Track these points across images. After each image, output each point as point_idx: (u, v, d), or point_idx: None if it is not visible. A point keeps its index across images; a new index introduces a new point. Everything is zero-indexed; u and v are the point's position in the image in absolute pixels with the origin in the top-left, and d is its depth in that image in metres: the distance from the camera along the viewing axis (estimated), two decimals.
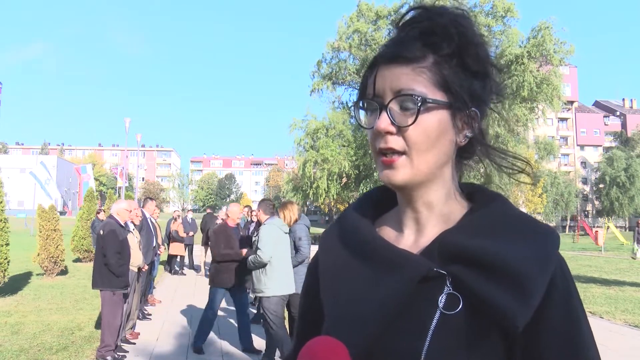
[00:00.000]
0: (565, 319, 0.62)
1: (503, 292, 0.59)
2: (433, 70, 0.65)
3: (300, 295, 0.85)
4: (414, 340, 0.63)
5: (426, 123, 0.64)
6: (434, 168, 0.67)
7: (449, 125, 0.66)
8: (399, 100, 0.65)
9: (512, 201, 0.67)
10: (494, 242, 0.62)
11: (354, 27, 25.40)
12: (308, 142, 25.12)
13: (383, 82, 0.66)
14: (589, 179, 69.15)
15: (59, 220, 10.04)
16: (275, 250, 4.63)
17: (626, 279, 12.23)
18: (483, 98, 0.69)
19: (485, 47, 0.68)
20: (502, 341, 0.61)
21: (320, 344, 0.64)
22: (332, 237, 0.76)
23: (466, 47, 0.66)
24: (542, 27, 23.01)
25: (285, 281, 4.68)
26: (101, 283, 4.94)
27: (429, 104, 0.64)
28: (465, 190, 0.74)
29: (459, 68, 0.66)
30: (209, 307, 5.41)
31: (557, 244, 0.64)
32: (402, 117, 0.65)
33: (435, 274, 0.64)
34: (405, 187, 0.68)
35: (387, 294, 0.64)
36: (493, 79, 0.70)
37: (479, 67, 0.67)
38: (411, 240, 0.71)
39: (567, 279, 0.64)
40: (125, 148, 31.71)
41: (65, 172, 65.26)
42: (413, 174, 0.66)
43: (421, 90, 0.64)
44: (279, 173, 77.06)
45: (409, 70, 0.65)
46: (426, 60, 0.65)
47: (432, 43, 0.65)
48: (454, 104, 0.65)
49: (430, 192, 0.69)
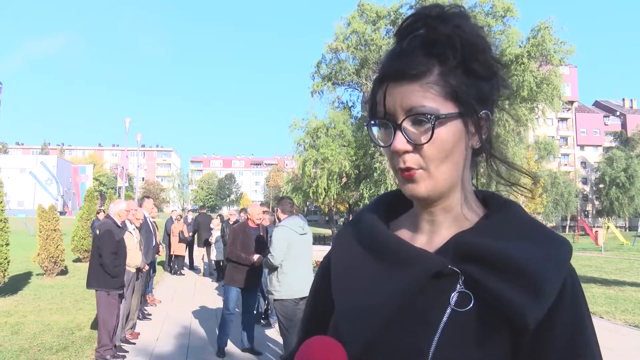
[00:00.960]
0: (573, 325, 0.63)
1: (516, 290, 0.60)
2: (440, 82, 0.65)
3: (309, 293, 0.86)
4: (423, 334, 0.64)
5: (441, 137, 0.65)
6: (453, 176, 0.68)
7: (462, 133, 0.66)
8: (411, 118, 0.65)
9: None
10: (509, 244, 0.64)
11: (352, 27, 25.38)
12: (308, 141, 25.09)
13: (393, 101, 0.66)
14: (589, 179, 69.15)
15: (59, 220, 10.04)
16: (287, 254, 4.47)
17: (626, 279, 12.24)
18: (492, 98, 0.69)
19: (489, 48, 0.68)
20: (510, 341, 0.62)
21: (318, 343, 0.64)
22: (346, 237, 0.77)
23: (472, 53, 0.65)
24: (542, 26, 23.03)
25: (298, 284, 4.45)
26: (96, 283, 4.92)
27: (441, 119, 0.64)
28: (479, 196, 0.75)
29: (465, 75, 0.66)
30: (224, 307, 5.42)
31: (570, 253, 0.65)
32: (417, 135, 0.65)
33: (448, 271, 0.65)
34: (429, 198, 0.69)
35: (398, 287, 0.65)
36: (500, 76, 0.70)
37: (485, 70, 0.67)
38: (425, 240, 0.72)
39: (576, 288, 0.65)
40: (125, 148, 31.70)
41: (65, 172, 65.24)
42: (434, 185, 0.67)
43: (432, 106, 0.64)
44: (279, 173, 76.99)
45: (418, 87, 0.64)
46: (432, 73, 0.65)
47: (437, 54, 0.65)
48: (465, 112, 0.66)
49: (450, 197, 0.70)
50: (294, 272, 4.49)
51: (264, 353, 5.46)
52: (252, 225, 5.58)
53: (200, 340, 6.00)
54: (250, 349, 5.44)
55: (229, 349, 5.49)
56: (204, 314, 7.49)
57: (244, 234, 5.44)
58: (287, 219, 4.67)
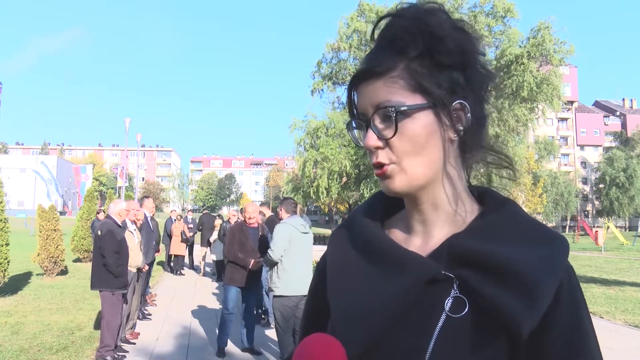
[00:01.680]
0: (571, 327, 0.62)
1: (511, 298, 0.59)
2: (405, 76, 0.65)
3: (307, 293, 0.86)
4: (418, 340, 0.63)
5: (410, 130, 0.64)
6: (431, 169, 0.66)
7: (435, 125, 0.65)
8: (379, 114, 0.66)
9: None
10: (503, 247, 0.62)
11: (354, 26, 25.38)
12: (308, 141, 25.10)
13: (364, 100, 0.67)
14: (589, 179, 69.16)
15: (59, 220, 10.03)
16: (288, 251, 4.51)
17: (626, 279, 12.24)
18: (469, 87, 0.66)
19: (459, 36, 0.66)
20: (507, 346, 0.61)
21: (317, 341, 0.64)
22: (340, 238, 0.76)
23: (433, 43, 0.64)
24: (542, 27, 23.01)
25: (298, 282, 4.47)
26: (99, 284, 4.93)
27: (406, 111, 0.64)
28: (475, 192, 0.74)
29: (433, 65, 0.65)
30: (224, 307, 5.42)
31: (567, 252, 0.64)
32: (385, 130, 0.65)
33: (442, 277, 0.64)
34: (408, 193, 0.68)
35: (393, 293, 0.64)
36: (477, 65, 0.67)
37: (452, 59, 0.65)
38: (419, 242, 0.71)
39: (574, 287, 0.64)
40: (125, 148, 31.69)
41: (65, 172, 65.26)
42: (409, 179, 0.66)
43: (397, 100, 0.64)
44: (279, 173, 77.02)
45: (382, 83, 0.65)
46: (397, 68, 0.65)
47: (400, 48, 0.65)
48: (433, 103, 0.65)
49: (435, 193, 0.69)
50: (294, 269, 4.53)
51: (263, 353, 5.47)
52: (250, 224, 5.59)
53: (200, 340, 6.00)
54: (249, 349, 5.44)
55: (229, 348, 5.49)
56: (204, 314, 7.49)
57: (240, 233, 5.45)
58: (290, 218, 4.74)
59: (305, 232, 4.70)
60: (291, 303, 4.49)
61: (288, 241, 4.54)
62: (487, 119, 0.70)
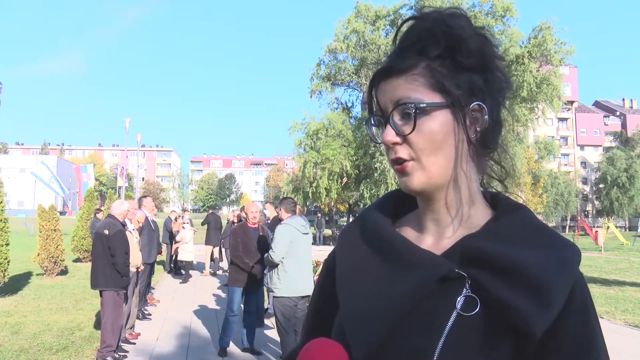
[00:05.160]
0: (580, 331, 0.63)
1: (524, 298, 0.59)
2: (426, 74, 0.66)
3: (314, 289, 0.86)
4: (428, 338, 0.63)
5: (427, 127, 0.65)
6: (447, 168, 0.67)
7: (452, 124, 0.66)
8: (398, 110, 0.67)
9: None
10: (517, 249, 0.63)
11: (352, 27, 25.37)
12: (308, 143, 25.11)
13: (384, 97, 0.69)
14: (589, 179, 69.08)
15: (59, 220, 10.04)
16: (289, 252, 4.50)
17: (626, 279, 12.23)
18: (488, 90, 0.68)
19: (480, 40, 0.67)
20: (516, 347, 0.61)
21: (319, 346, 0.64)
22: (351, 235, 0.77)
23: (455, 44, 0.66)
24: (543, 27, 23.03)
25: (298, 283, 4.48)
26: (105, 283, 4.92)
27: (425, 109, 0.65)
28: (488, 196, 0.74)
29: (453, 66, 0.66)
30: (228, 308, 5.40)
31: (579, 258, 0.65)
32: (404, 126, 0.66)
33: (455, 275, 0.64)
34: (425, 191, 0.68)
35: (404, 290, 0.65)
36: (496, 70, 0.69)
37: (473, 61, 0.66)
38: (432, 241, 0.71)
39: (584, 293, 0.65)
40: (125, 148, 31.70)
41: (65, 172, 65.22)
42: (427, 177, 0.67)
43: (416, 97, 0.65)
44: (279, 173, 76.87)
45: (403, 80, 0.67)
46: (418, 66, 0.66)
47: (422, 48, 0.67)
48: (451, 102, 0.66)
49: (450, 193, 0.69)
50: (294, 270, 4.52)
51: (263, 353, 5.47)
52: (251, 225, 5.58)
53: (200, 340, 6.00)
54: (250, 349, 5.44)
55: (229, 348, 5.48)
56: (204, 314, 7.49)
57: (243, 235, 5.44)
58: (290, 218, 4.72)
59: (305, 233, 4.71)
60: (291, 303, 4.50)
61: (289, 243, 4.53)
62: (503, 124, 0.72)
